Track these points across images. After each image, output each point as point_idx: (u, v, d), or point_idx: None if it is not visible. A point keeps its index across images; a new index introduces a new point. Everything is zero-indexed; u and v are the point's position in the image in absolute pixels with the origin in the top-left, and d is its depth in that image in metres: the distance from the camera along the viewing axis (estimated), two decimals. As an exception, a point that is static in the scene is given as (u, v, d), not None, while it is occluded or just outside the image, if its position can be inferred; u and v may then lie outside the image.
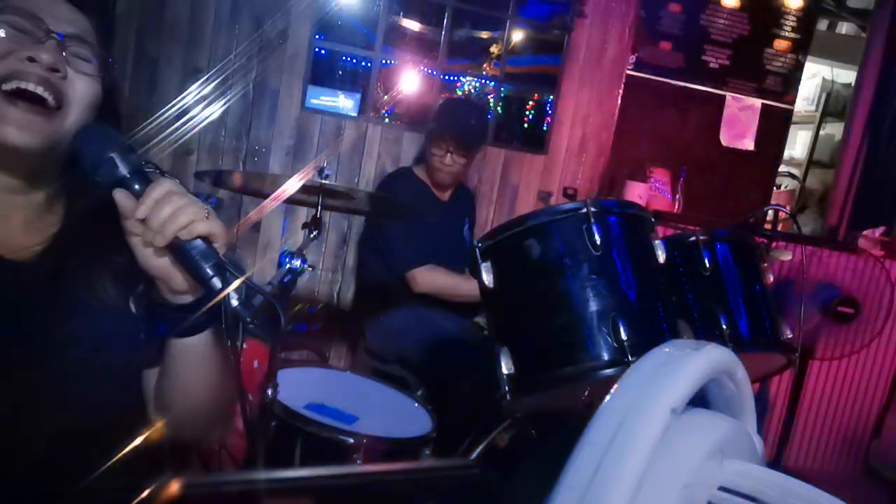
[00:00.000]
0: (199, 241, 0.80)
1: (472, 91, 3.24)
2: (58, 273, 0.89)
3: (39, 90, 0.81)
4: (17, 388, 0.83)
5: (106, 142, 0.83)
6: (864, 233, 3.17)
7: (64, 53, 0.84)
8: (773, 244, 2.18)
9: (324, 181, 1.61)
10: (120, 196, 0.80)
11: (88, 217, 0.92)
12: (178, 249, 0.81)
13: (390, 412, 1.81)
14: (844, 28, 4.93)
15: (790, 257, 2.35)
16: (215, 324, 0.89)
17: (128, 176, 0.81)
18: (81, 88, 0.86)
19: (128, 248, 0.84)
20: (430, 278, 2.40)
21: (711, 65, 3.41)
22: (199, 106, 2.86)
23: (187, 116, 2.83)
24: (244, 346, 1.43)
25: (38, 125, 0.82)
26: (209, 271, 0.80)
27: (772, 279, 1.78)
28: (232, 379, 0.86)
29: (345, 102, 3.06)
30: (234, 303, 0.79)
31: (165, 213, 0.78)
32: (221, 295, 0.80)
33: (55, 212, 0.93)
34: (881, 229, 3.21)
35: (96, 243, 0.91)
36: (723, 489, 0.51)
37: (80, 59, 0.87)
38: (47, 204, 0.92)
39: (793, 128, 3.84)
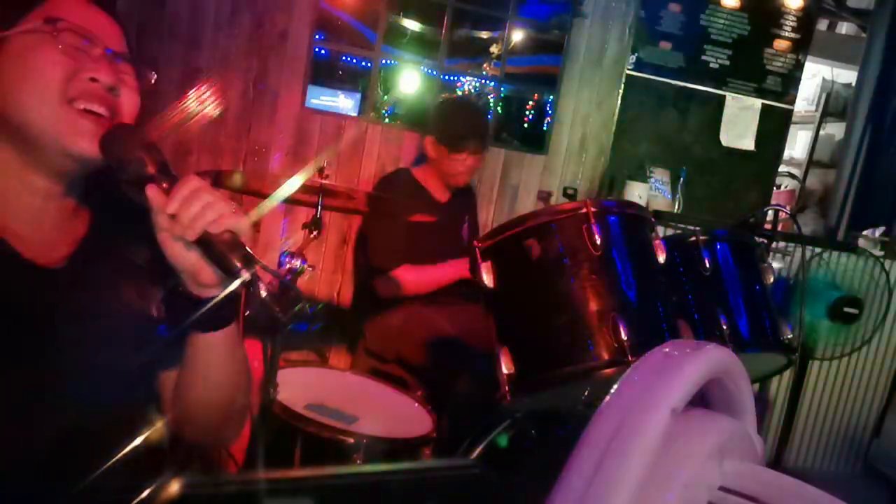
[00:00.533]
0: (227, 235, 0.83)
1: (472, 91, 3.24)
2: (85, 277, 0.93)
3: (102, 110, 0.89)
4: (38, 389, 0.85)
5: (133, 141, 0.87)
6: (864, 233, 3.17)
7: (119, 68, 0.92)
8: (773, 244, 2.18)
9: (324, 181, 1.61)
10: (152, 191, 0.84)
11: (114, 221, 0.97)
12: (206, 243, 0.83)
13: (390, 412, 1.81)
14: (844, 28, 4.93)
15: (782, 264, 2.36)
16: (234, 322, 0.93)
17: (155, 174, 0.85)
18: (129, 102, 0.94)
19: (151, 251, 0.87)
20: (408, 277, 2.39)
21: (711, 65, 3.41)
22: (199, 106, 2.86)
23: (187, 116, 2.83)
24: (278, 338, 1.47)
25: (97, 136, 0.88)
26: (237, 263, 0.82)
27: (772, 279, 1.78)
28: (248, 376, 0.87)
29: (345, 102, 3.06)
30: (263, 293, 0.82)
31: (195, 208, 0.82)
32: (253, 286, 0.82)
33: (83, 217, 0.97)
34: (881, 229, 3.21)
35: (121, 247, 0.96)
36: (723, 489, 0.51)
37: (127, 74, 0.95)
38: (76, 210, 0.96)
39: (793, 128, 3.84)
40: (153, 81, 0.99)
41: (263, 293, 0.82)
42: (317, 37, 2.95)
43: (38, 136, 0.87)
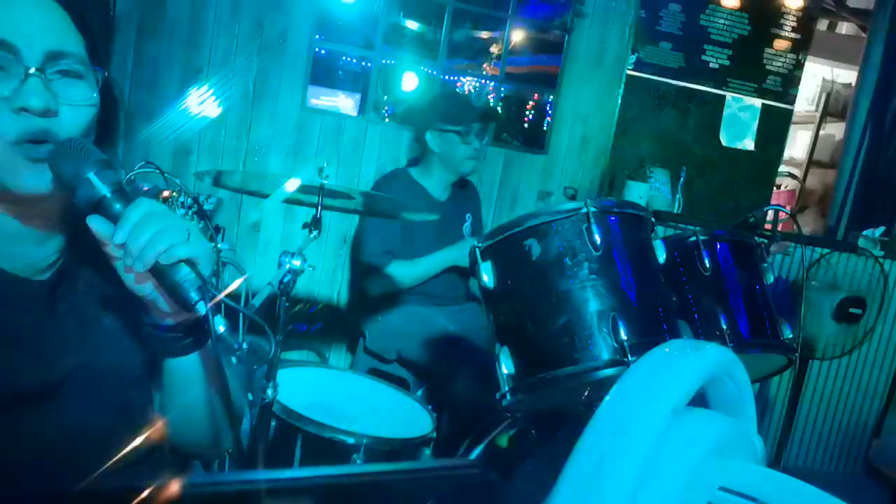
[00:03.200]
0: (181, 265, 0.77)
1: (472, 91, 3.24)
2: (74, 285, 0.89)
3: (40, 137, 0.78)
4: (37, 390, 0.84)
5: (82, 160, 0.77)
6: (864, 233, 3.17)
7: (50, 85, 0.79)
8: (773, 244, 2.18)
9: (324, 181, 1.61)
10: (94, 224, 0.77)
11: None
12: (160, 274, 0.77)
13: (390, 412, 1.81)
14: (844, 28, 4.94)
15: (793, 249, 2.36)
16: (204, 345, 0.89)
17: (107, 196, 0.77)
18: (75, 119, 0.82)
19: None
20: (399, 272, 2.40)
21: (711, 65, 3.41)
22: (199, 106, 2.86)
23: (187, 116, 2.83)
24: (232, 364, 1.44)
25: (45, 170, 0.79)
26: (193, 295, 0.76)
27: (772, 279, 1.78)
28: (228, 396, 0.86)
29: (345, 102, 3.06)
30: (221, 329, 0.75)
31: (144, 237, 0.75)
32: (211, 321, 0.75)
33: (66, 228, 0.92)
34: (881, 229, 3.21)
35: (103, 257, 0.90)
36: (723, 489, 0.51)
37: (68, 82, 0.81)
38: (59, 222, 0.91)
39: (793, 128, 3.84)
40: (108, 75, 0.86)
41: (222, 329, 0.75)
42: (317, 37, 2.95)
43: None
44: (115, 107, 0.91)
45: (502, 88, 3.25)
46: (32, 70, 0.77)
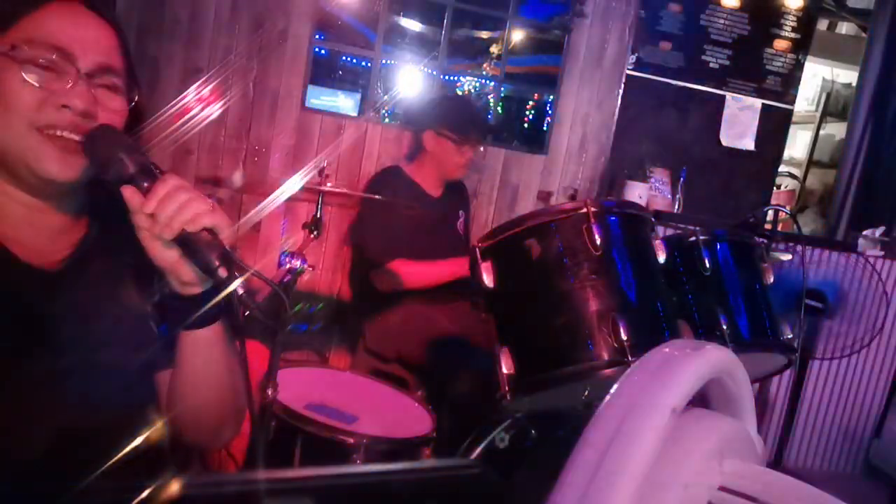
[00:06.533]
0: (204, 233, 0.84)
1: (472, 91, 3.24)
2: (83, 279, 0.93)
3: (74, 137, 0.87)
4: (37, 389, 0.86)
5: (114, 143, 0.87)
6: (864, 233, 3.17)
7: (94, 90, 0.89)
8: (773, 244, 2.18)
9: (324, 181, 1.61)
10: (129, 192, 0.84)
11: (110, 223, 0.97)
12: (185, 242, 0.84)
13: (390, 412, 1.81)
14: (844, 28, 4.93)
15: (790, 258, 2.35)
16: (224, 315, 0.93)
17: (135, 174, 0.85)
18: (108, 121, 0.91)
19: (144, 251, 0.87)
20: (405, 270, 2.39)
21: (711, 65, 3.41)
22: (199, 106, 2.86)
23: (187, 116, 2.83)
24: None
25: (72, 161, 0.88)
26: (215, 261, 0.83)
27: (772, 279, 1.78)
28: (242, 376, 0.88)
29: (345, 102, 3.06)
30: (241, 291, 0.82)
31: (172, 206, 0.82)
32: (232, 284, 0.83)
33: (82, 220, 0.98)
34: (881, 229, 3.21)
35: (118, 248, 0.95)
36: (723, 489, 0.51)
37: (109, 91, 0.92)
38: (75, 215, 0.97)
39: (793, 128, 3.84)
40: (140, 94, 0.97)
41: (241, 291, 0.82)
42: (317, 37, 2.95)
43: (13, 162, 0.88)
44: (140, 116, 1.00)
45: (502, 88, 3.25)
46: (82, 75, 0.88)
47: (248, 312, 0.84)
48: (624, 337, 1.34)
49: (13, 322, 0.86)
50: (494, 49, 3.22)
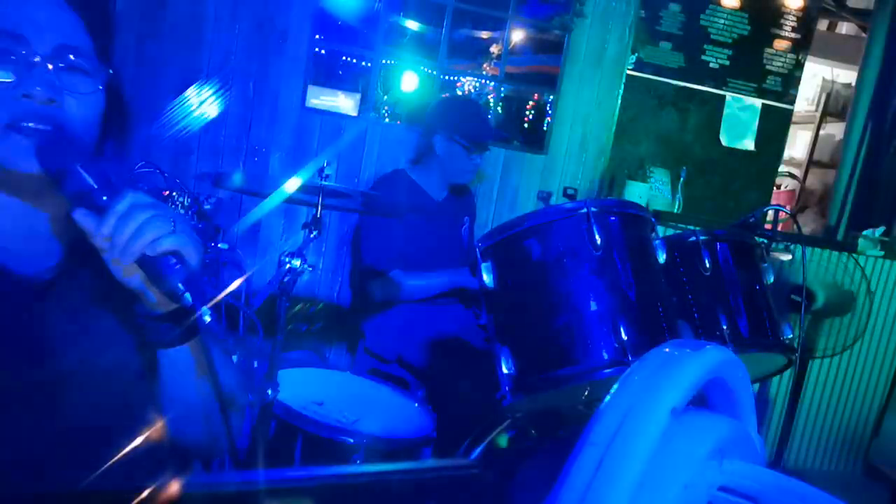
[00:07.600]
0: (167, 257, 0.77)
1: (472, 91, 3.24)
2: (76, 283, 0.90)
3: (41, 125, 0.79)
4: (37, 391, 0.84)
5: (68, 153, 0.78)
6: (864, 233, 3.17)
7: (57, 75, 0.81)
8: (773, 244, 2.18)
9: (324, 181, 1.61)
10: (79, 216, 0.78)
11: None
12: (146, 266, 0.78)
13: (390, 412, 1.82)
14: (844, 28, 4.94)
15: (790, 257, 2.35)
16: (195, 337, 0.89)
17: (94, 188, 0.77)
18: (80, 111, 0.84)
19: None
20: (401, 281, 2.39)
21: (711, 65, 3.41)
22: (199, 106, 2.86)
23: (187, 116, 2.83)
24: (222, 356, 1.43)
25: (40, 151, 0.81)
26: (180, 287, 0.77)
27: (772, 279, 1.78)
28: (221, 393, 0.85)
29: (345, 102, 3.06)
30: (207, 319, 0.77)
31: (129, 229, 0.76)
32: (197, 312, 0.77)
33: (70, 224, 0.91)
34: (881, 229, 3.21)
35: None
36: (723, 489, 0.51)
37: (74, 75, 0.83)
38: (68, 224, 0.90)
39: (793, 128, 3.84)
40: (110, 72, 0.87)
41: (208, 319, 0.77)
42: (317, 37, 2.95)
43: None
44: (119, 106, 0.93)
45: (502, 88, 3.25)
46: (38, 59, 0.80)
47: (217, 340, 0.79)
48: (624, 337, 1.34)
49: (6, 332, 0.83)
50: (494, 49, 3.22)
